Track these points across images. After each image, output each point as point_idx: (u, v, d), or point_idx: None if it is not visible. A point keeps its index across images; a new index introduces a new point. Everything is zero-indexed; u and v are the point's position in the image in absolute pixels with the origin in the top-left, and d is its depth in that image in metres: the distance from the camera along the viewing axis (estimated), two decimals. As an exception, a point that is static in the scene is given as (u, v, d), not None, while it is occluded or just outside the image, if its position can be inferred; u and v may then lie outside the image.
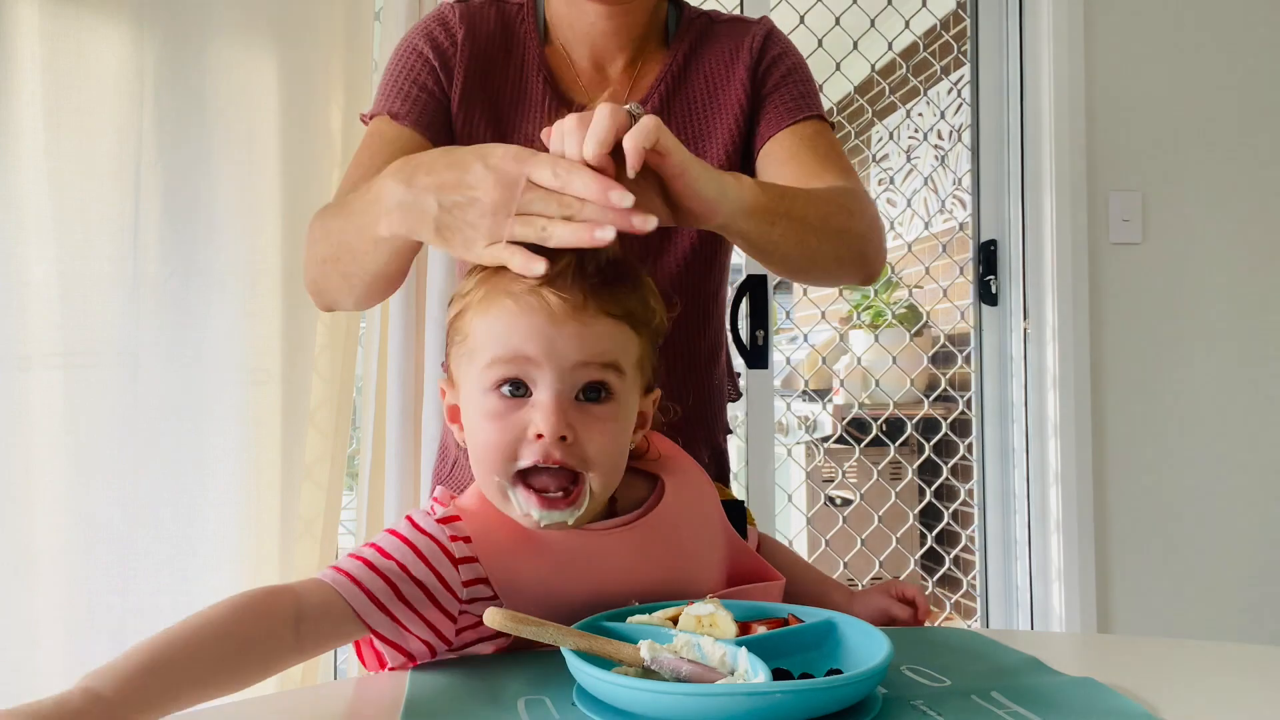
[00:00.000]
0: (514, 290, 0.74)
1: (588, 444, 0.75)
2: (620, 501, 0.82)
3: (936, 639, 0.84)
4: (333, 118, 1.91)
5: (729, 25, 1.18)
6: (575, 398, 0.75)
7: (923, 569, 2.75)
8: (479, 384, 0.76)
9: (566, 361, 0.74)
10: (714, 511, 0.89)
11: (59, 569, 1.73)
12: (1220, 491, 2.34)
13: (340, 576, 0.73)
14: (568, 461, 0.74)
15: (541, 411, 0.73)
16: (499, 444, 0.74)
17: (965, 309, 2.55)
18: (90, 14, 1.75)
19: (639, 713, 0.63)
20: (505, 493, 0.75)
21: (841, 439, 3.01)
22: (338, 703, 0.76)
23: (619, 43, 1.13)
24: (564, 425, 0.73)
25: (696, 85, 1.14)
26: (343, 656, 2.06)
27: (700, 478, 0.90)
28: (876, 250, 1.05)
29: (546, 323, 0.73)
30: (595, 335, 0.74)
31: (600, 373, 0.75)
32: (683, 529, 0.84)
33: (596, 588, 0.77)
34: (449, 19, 1.13)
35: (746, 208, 0.84)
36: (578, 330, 0.74)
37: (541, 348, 0.73)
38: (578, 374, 0.74)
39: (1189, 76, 2.36)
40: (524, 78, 1.12)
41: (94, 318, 1.75)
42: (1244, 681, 0.76)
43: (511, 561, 0.76)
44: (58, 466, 1.73)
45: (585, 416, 0.75)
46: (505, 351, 0.74)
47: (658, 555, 0.81)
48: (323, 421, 1.91)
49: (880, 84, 2.81)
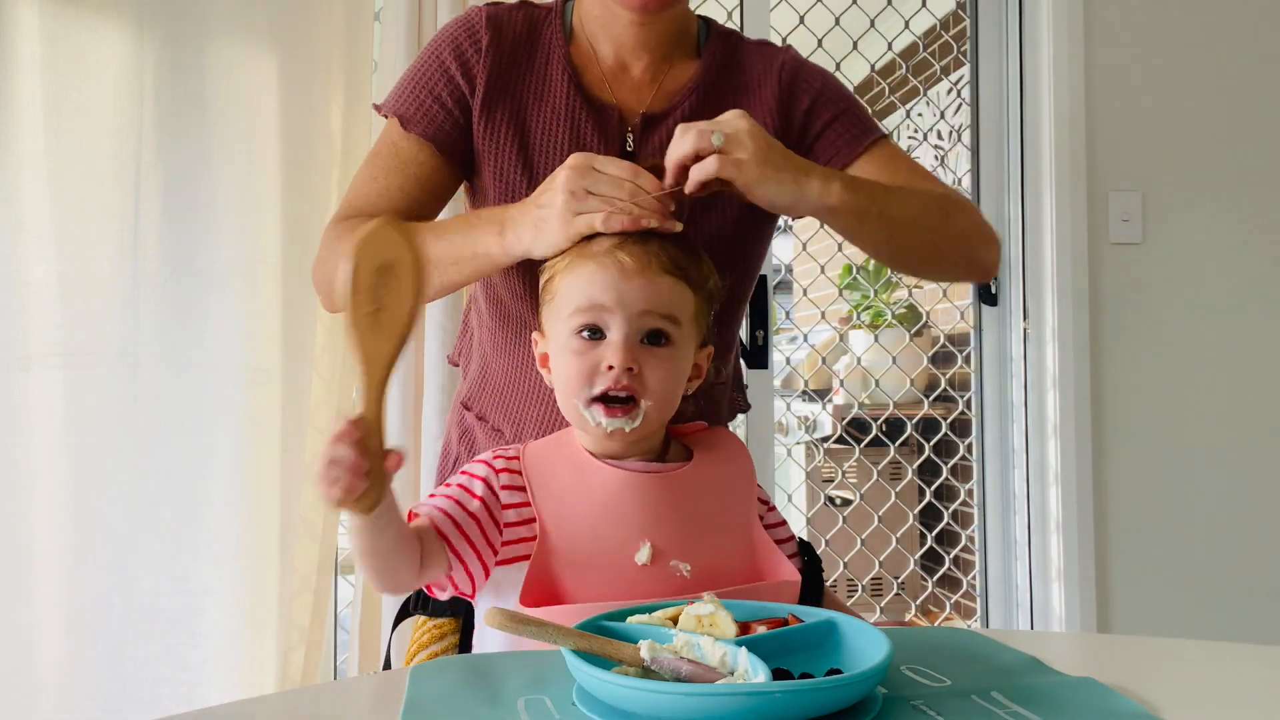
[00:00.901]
0: (593, 252, 0.92)
1: (649, 376, 0.91)
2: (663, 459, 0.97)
3: (936, 639, 0.84)
4: (333, 118, 1.91)
5: (757, 48, 1.20)
6: (640, 340, 0.92)
7: (923, 569, 2.75)
8: (564, 329, 0.92)
9: (634, 309, 0.90)
10: (743, 492, 0.98)
11: (59, 569, 1.73)
12: (1220, 491, 2.34)
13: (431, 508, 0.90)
14: (633, 387, 0.90)
15: (613, 348, 0.90)
16: (579, 372, 0.91)
17: (965, 309, 2.54)
18: (90, 14, 1.75)
19: (639, 713, 0.63)
20: (579, 412, 0.92)
21: (841, 439, 3.01)
22: (338, 703, 0.76)
23: (648, 45, 1.15)
24: (631, 359, 0.90)
25: (725, 100, 1.14)
26: (343, 656, 2.06)
27: (736, 467, 1.00)
28: (982, 248, 1.13)
29: (619, 277, 0.90)
30: (657, 289, 0.91)
31: (660, 321, 0.92)
32: (708, 492, 0.96)
33: (625, 525, 0.90)
34: (476, 25, 1.14)
35: (831, 205, 0.98)
36: (643, 284, 0.90)
37: (613, 297, 0.90)
38: (643, 320, 0.91)
39: (1189, 76, 2.36)
40: (548, 75, 1.13)
41: (94, 318, 1.75)
42: (1244, 681, 0.76)
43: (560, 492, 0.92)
44: (58, 466, 1.73)
45: (648, 355, 0.92)
46: (585, 301, 0.91)
47: (686, 508, 0.93)
48: (322, 422, 1.91)
49: (880, 84, 2.81)
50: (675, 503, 0.93)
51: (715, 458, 0.99)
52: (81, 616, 1.74)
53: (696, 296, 0.95)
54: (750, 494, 0.99)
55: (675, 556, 0.89)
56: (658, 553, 0.88)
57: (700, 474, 0.96)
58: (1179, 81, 2.35)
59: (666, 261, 0.92)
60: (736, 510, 0.97)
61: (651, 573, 0.88)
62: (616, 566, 0.84)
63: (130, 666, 1.75)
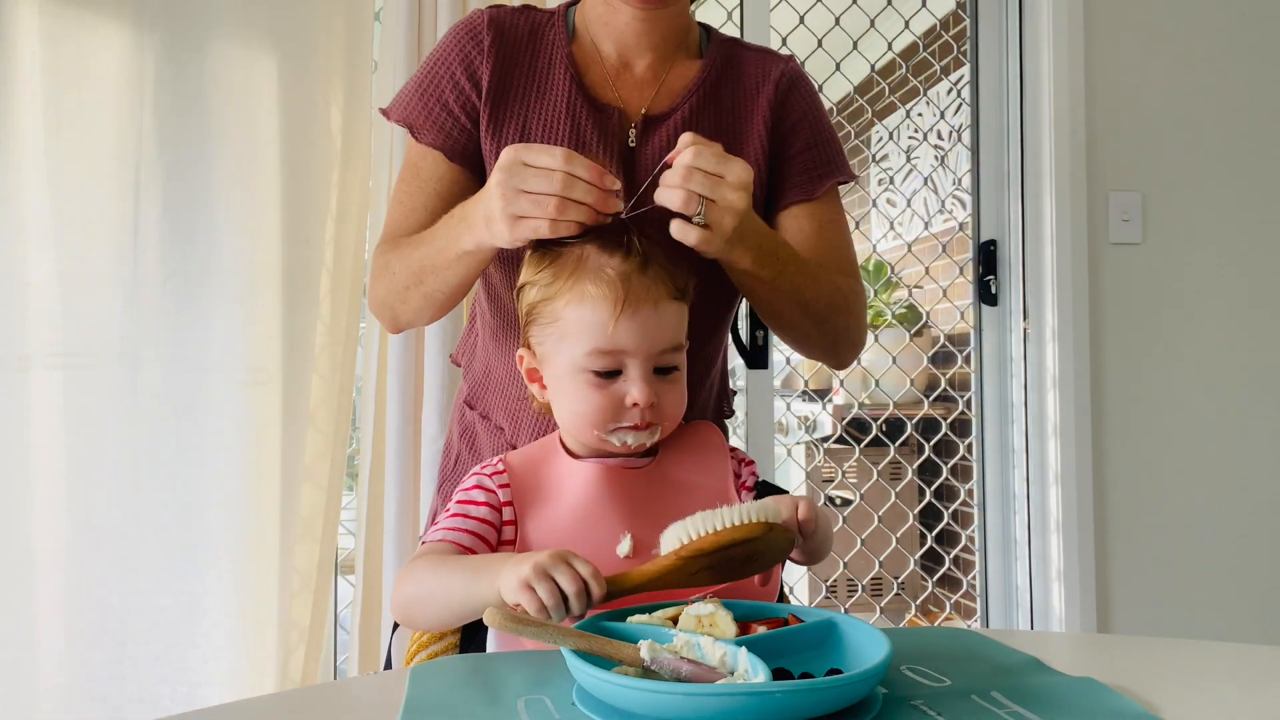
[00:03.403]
0: (602, 281, 0.92)
1: (665, 404, 0.95)
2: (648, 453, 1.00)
3: (936, 639, 0.84)
4: (333, 118, 1.91)
5: (758, 56, 1.21)
6: (654, 371, 0.94)
7: (923, 569, 2.75)
8: (577, 363, 0.94)
9: (653, 350, 0.93)
10: (719, 475, 1.00)
11: (59, 569, 1.73)
12: (1220, 491, 2.34)
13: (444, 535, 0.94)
14: (653, 419, 0.94)
15: (637, 387, 0.93)
16: (603, 408, 0.93)
17: (965, 309, 2.54)
18: (90, 14, 1.75)
19: (639, 713, 0.63)
20: (599, 437, 0.95)
21: (841, 439, 3.01)
22: (338, 703, 0.76)
23: (650, 43, 1.15)
24: (653, 394, 0.93)
25: (725, 103, 1.16)
26: (343, 656, 2.06)
27: (710, 452, 1.02)
28: (848, 350, 1.20)
29: (635, 319, 0.91)
30: (665, 325, 0.94)
31: (673, 356, 0.95)
32: (684, 481, 0.99)
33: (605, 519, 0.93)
34: (478, 27, 1.14)
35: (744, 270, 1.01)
36: (657, 322, 0.93)
37: (635, 342, 0.92)
38: (660, 359, 0.94)
39: (1189, 76, 2.36)
40: (550, 75, 1.14)
41: (94, 318, 1.75)
42: (1244, 681, 0.76)
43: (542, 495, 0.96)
44: (58, 466, 1.73)
45: (663, 385, 0.95)
46: (608, 345, 0.92)
47: (665, 498, 0.96)
48: (323, 421, 1.91)
49: (880, 84, 2.81)
50: (653, 494, 0.96)
51: (687, 446, 1.02)
52: (81, 616, 1.74)
53: (687, 306, 0.98)
54: (726, 476, 1.01)
55: (656, 545, 0.89)
56: (639, 544, 0.90)
57: (675, 462, 1.00)
58: (1179, 81, 2.35)
59: (670, 287, 0.94)
60: (713, 493, 0.99)
61: (634, 564, 0.87)
62: (599, 559, 0.84)
63: (130, 667, 1.75)
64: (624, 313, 0.91)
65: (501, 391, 1.16)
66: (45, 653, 1.72)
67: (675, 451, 1.01)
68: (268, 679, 1.82)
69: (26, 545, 1.71)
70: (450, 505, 0.96)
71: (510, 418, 1.15)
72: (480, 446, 1.19)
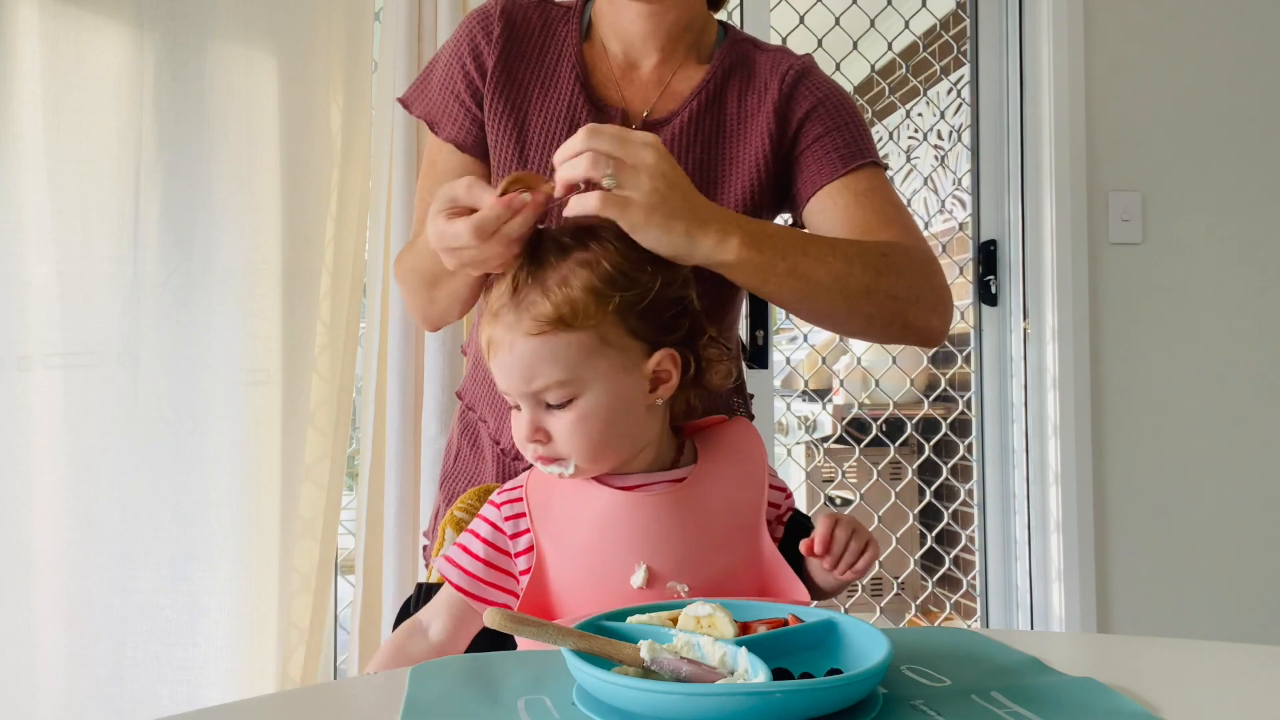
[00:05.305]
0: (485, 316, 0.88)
1: (559, 441, 0.86)
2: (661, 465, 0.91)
3: (936, 639, 0.83)
4: (333, 118, 1.91)
5: (771, 56, 1.16)
6: (545, 406, 0.86)
7: (923, 569, 2.75)
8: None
9: (522, 390, 0.86)
10: (752, 497, 0.92)
11: (59, 569, 1.73)
12: (1220, 492, 2.34)
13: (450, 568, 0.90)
14: (546, 456, 0.87)
15: (516, 423, 0.88)
16: (518, 439, 0.89)
17: (965, 309, 2.54)
18: (90, 14, 1.75)
19: (639, 713, 0.63)
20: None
21: (841, 439, 3.01)
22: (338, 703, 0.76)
23: (655, 43, 1.14)
24: (533, 434, 0.87)
25: (729, 108, 1.13)
26: (343, 656, 2.06)
27: (746, 467, 0.93)
28: (924, 313, 1.04)
29: (495, 362, 0.87)
30: (522, 364, 0.85)
31: (546, 393, 0.85)
32: (712, 504, 0.90)
33: (620, 547, 0.86)
34: (490, 16, 1.14)
35: (726, 261, 0.89)
36: (512, 364, 0.85)
37: (502, 384, 0.87)
38: (534, 397, 0.86)
39: (1189, 76, 2.36)
40: (556, 72, 1.13)
41: (94, 318, 1.75)
42: (1244, 681, 0.76)
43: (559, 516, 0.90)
44: (58, 466, 1.73)
45: (553, 419, 0.87)
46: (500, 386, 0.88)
47: (687, 525, 0.88)
48: (322, 422, 1.91)
49: (880, 84, 2.81)
50: (674, 520, 0.88)
51: (725, 457, 0.93)
52: (81, 616, 1.74)
53: (583, 330, 0.84)
54: (759, 498, 0.92)
55: (673, 577, 0.86)
56: (654, 574, 0.85)
57: (704, 483, 0.90)
58: (1179, 81, 2.35)
59: (531, 321, 0.84)
60: (743, 519, 0.91)
61: (648, 596, 0.84)
62: (611, 590, 0.82)
63: (130, 667, 1.75)
64: (491, 354, 0.87)
65: (489, 386, 1.15)
66: (45, 653, 1.72)
67: (705, 468, 0.91)
68: (268, 679, 1.82)
69: (26, 545, 1.71)
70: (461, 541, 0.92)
71: (494, 412, 1.15)
72: (480, 442, 1.19)
